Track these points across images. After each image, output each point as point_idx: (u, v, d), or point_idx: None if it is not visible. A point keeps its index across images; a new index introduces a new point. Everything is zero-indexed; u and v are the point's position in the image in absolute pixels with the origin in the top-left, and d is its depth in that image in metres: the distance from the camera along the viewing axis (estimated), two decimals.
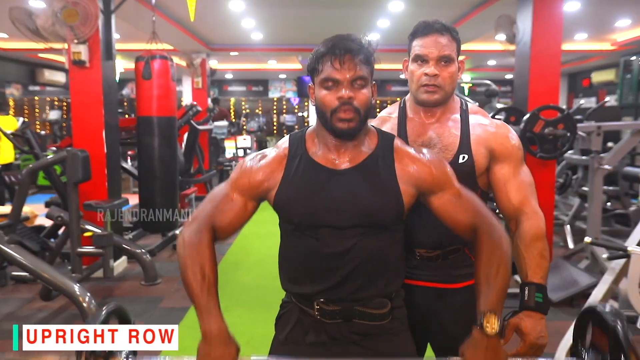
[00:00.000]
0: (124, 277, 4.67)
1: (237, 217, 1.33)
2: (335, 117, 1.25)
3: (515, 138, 1.57)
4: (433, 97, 1.52)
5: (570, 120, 3.94)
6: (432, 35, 1.50)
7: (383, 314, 1.33)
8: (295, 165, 1.32)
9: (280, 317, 1.43)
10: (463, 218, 1.30)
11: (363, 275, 1.29)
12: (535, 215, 1.50)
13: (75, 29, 4.28)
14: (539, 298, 1.41)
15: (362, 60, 1.24)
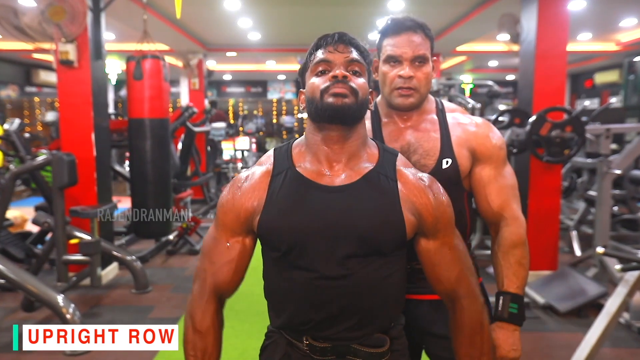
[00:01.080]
0: (114, 285, 4.51)
1: (240, 263, 1.18)
2: (326, 94, 1.09)
3: (496, 137, 1.46)
4: (408, 101, 1.42)
5: (578, 122, 3.78)
6: (405, 34, 1.39)
7: (381, 353, 1.15)
8: (280, 182, 1.14)
9: (265, 348, 1.26)
10: (446, 276, 1.16)
11: (359, 310, 1.12)
12: (515, 222, 1.41)
13: (62, 28, 4.13)
14: (513, 309, 1.34)
15: (357, 50, 1.15)
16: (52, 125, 12.81)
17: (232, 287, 1.20)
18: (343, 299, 1.10)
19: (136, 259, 4.40)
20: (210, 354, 1.19)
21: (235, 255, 1.17)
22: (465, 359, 1.19)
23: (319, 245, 1.09)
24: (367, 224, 1.09)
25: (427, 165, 1.41)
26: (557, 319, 3.73)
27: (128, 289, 4.38)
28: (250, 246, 1.19)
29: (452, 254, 1.17)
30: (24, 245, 4.09)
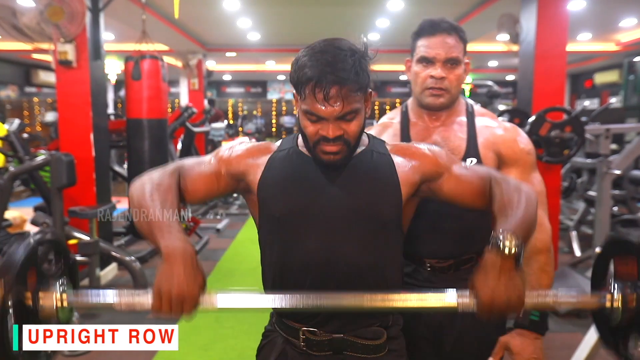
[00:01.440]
0: (113, 285, 4.52)
1: (204, 182, 1.17)
2: (318, 149, 1.11)
3: (525, 142, 1.47)
4: (439, 101, 1.45)
5: (578, 122, 3.78)
6: (439, 36, 1.42)
7: (378, 346, 1.16)
8: (283, 155, 1.19)
9: (262, 348, 1.26)
10: (478, 184, 1.15)
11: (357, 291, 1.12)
12: (540, 227, 1.37)
13: (61, 28, 4.12)
14: (535, 316, 1.33)
15: (354, 88, 1.06)
16: (52, 126, 12.85)
17: (192, 194, 1.17)
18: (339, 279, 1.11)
19: (135, 259, 4.39)
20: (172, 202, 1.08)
21: (208, 172, 1.18)
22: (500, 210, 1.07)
23: (313, 212, 1.13)
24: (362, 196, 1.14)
25: None
26: (556, 319, 3.73)
27: (127, 289, 4.38)
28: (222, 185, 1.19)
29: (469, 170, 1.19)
30: None
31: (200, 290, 0.94)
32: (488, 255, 0.95)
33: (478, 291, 0.93)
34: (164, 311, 0.94)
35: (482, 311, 0.93)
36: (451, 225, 1.43)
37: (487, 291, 0.92)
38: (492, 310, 0.92)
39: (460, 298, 0.96)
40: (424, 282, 1.47)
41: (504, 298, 0.91)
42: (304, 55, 1.09)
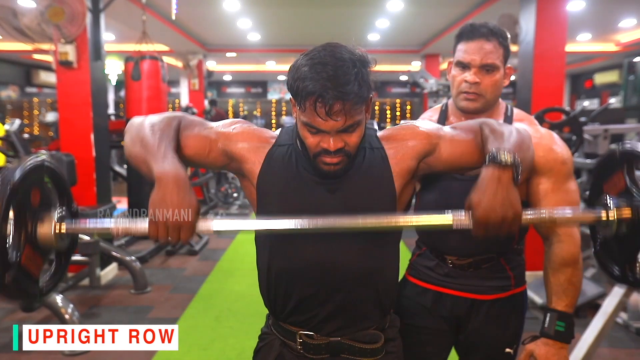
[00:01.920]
0: (113, 285, 4.52)
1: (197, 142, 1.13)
2: (319, 160, 1.08)
3: (561, 151, 1.42)
4: (472, 105, 1.44)
5: (576, 123, 3.79)
6: (478, 41, 1.41)
7: (375, 350, 1.16)
8: (283, 152, 1.16)
9: (259, 351, 1.26)
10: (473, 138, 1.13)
11: (354, 300, 1.13)
12: (569, 239, 1.38)
13: (61, 28, 4.14)
14: (560, 327, 1.33)
15: (356, 101, 1.02)
16: (52, 126, 12.87)
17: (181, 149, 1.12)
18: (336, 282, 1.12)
19: (135, 259, 4.41)
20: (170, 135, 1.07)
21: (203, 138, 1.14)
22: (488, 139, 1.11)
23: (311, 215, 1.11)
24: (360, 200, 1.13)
25: None
26: None
27: (127, 289, 4.39)
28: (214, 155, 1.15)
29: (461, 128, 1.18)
30: None
31: (195, 214, 0.93)
32: (484, 170, 0.95)
33: (473, 207, 0.93)
34: (161, 236, 0.92)
35: (477, 227, 0.93)
36: None
37: (483, 206, 0.91)
38: (487, 227, 0.92)
39: (455, 216, 0.96)
40: (444, 277, 1.49)
41: (500, 213, 0.91)
42: (303, 65, 1.03)
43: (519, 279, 1.50)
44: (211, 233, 0.98)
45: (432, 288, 1.51)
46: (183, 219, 0.91)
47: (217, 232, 0.97)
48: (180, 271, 5.01)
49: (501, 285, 1.47)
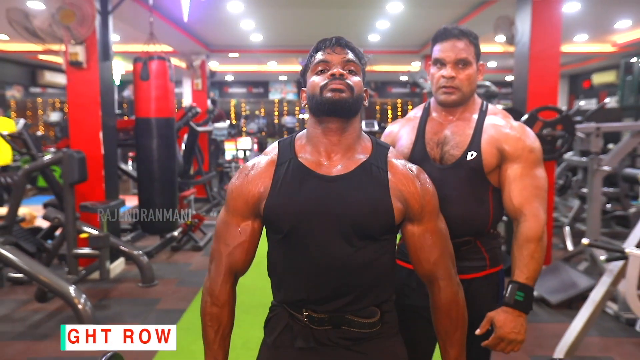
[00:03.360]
0: (121, 279, 4.65)
1: (251, 244, 1.31)
2: (325, 90, 1.21)
3: (530, 140, 1.58)
4: (450, 98, 1.58)
5: (569, 121, 3.92)
6: (450, 40, 1.57)
7: (373, 323, 1.29)
8: (284, 171, 1.26)
9: (269, 320, 1.39)
10: (426, 259, 1.30)
11: (354, 289, 1.25)
12: (534, 218, 1.51)
13: (72, 30, 4.27)
14: (520, 297, 1.46)
15: (353, 52, 1.28)
16: (57, 126, 13.01)
17: (246, 265, 1.33)
18: (338, 279, 1.23)
19: (143, 253, 4.55)
20: (226, 325, 1.33)
21: (246, 237, 1.29)
22: (442, 332, 1.34)
23: (317, 229, 1.22)
24: (359, 211, 1.21)
25: (454, 155, 1.58)
26: (548, 310, 3.87)
27: (135, 282, 4.53)
28: (259, 228, 1.31)
29: (434, 239, 1.30)
30: (35, 240, 4.24)
31: None
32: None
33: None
34: None
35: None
36: (453, 211, 1.53)
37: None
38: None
39: None
40: None
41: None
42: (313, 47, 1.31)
43: (494, 260, 1.63)
44: None
45: None
46: None
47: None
48: (185, 266, 5.14)
49: (477, 265, 1.61)
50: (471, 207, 1.59)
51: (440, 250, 1.30)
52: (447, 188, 1.54)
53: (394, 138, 1.73)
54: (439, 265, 1.30)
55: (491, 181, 1.60)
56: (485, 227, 1.62)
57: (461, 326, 1.33)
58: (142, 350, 3.00)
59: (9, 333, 3.45)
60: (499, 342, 1.47)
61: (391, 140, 1.73)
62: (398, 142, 1.70)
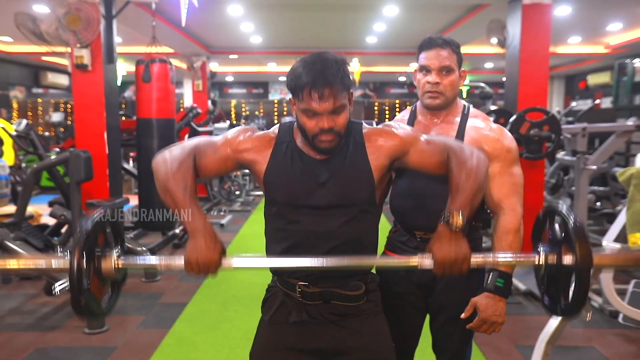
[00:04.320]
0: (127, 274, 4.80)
1: (215, 165, 1.43)
2: (317, 140, 1.37)
3: (507, 141, 1.72)
4: (435, 102, 1.73)
5: (555, 122, 4.07)
6: (435, 49, 1.71)
7: (358, 296, 1.45)
8: (283, 149, 1.44)
9: (266, 300, 1.55)
10: (438, 158, 1.42)
11: None
12: (512, 212, 1.66)
13: (78, 34, 4.44)
14: (500, 283, 1.61)
15: (341, 88, 1.33)
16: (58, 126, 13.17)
17: (203, 171, 1.41)
18: (327, 246, 1.40)
19: (146, 250, 4.70)
20: (191, 185, 1.34)
21: (217, 157, 1.42)
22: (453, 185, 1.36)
23: (307, 202, 1.41)
24: (343, 181, 1.40)
25: None
26: (536, 304, 4.03)
27: (138, 278, 4.68)
28: (229, 167, 1.46)
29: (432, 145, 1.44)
30: (43, 236, 4.39)
31: (219, 256, 1.27)
32: (440, 227, 1.28)
33: (434, 253, 1.26)
34: (194, 273, 1.28)
35: (436, 268, 1.26)
36: (435, 205, 1.64)
37: (440, 253, 1.25)
38: (444, 267, 1.25)
39: (420, 259, 1.29)
40: (414, 249, 1.76)
41: (453, 258, 1.24)
42: (298, 67, 1.34)
43: (475, 250, 1.78)
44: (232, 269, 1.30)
45: None
46: (210, 261, 1.26)
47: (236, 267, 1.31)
48: None
49: None
50: None
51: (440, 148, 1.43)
52: (432, 185, 1.69)
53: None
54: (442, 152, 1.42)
55: None
56: (471, 221, 1.75)
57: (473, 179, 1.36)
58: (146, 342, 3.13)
59: (18, 325, 3.60)
60: (481, 324, 1.62)
61: None
62: None
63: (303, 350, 1.46)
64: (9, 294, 4.22)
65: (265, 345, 1.51)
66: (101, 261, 1.26)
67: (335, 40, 9.02)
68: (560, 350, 3.20)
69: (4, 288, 4.35)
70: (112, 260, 1.27)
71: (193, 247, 1.26)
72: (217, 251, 1.27)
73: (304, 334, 1.46)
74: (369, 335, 1.47)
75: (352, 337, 1.45)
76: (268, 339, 1.51)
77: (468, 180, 1.33)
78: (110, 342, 3.33)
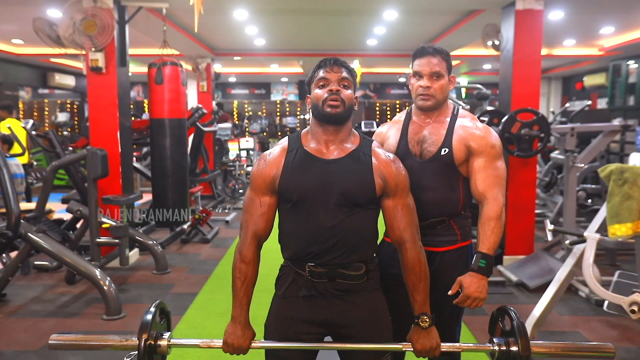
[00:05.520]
0: (137, 267, 5.05)
1: (271, 215, 1.70)
2: (325, 104, 1.62)
3: (492, 139, 1.95)
4: (427, 104, 1.94)
5: (544, 122, 4.30)
6: (426, 57, 1.92)
7: (359, 275, 1.67)
8: (293, 156, 1.67)
9: (279, 278, 1.78)
10: (397, 226, 1.70)
11: (344, 246, 1.64)
12: (494, 201, 1.88)
13: (93, 39, 4.67)
14: (482, 264, 1.82)
15: (347, 71, 1.66)
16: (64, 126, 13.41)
17: (266, 231, 1.69)
18: (333, 237, 1.63)
19: (157, 243, 4.95)
20: (250, 278, 1.66)
21: (265, 209, 1.68)
22: (410, 284, 1.71)
23: (317, 199, 1.63)
24: (349, 184, 1.61)
25: (431, 151, 1.93)
26: (527, 294, 4.27)
27: (149, 270, 4.93)
28: (275, 202, 1.69)
29: (403, 211, 1.70)
30: (60, 230, 4.64)
31: (249, 343, 1.64)
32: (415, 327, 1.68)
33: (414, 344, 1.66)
34: (229, 352, 1.64)
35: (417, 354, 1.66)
36: (428, 196, 1.92)
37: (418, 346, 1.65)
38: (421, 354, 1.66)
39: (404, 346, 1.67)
40: None
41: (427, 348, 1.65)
42: (316, 64, 1.71)
43: (464, 235, 2.01)
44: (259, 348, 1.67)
45: None
46: (241, 346, 1.63)
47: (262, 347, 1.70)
48: (195, 256, 5.54)
49: (450, 240, 1.98)
50: (445, 193, 1.96)
51: (407, 220, 1.70)
52: (425, 178, 1.92)
53: (383, 137, 2.11)
54: (406, 231, 1.69)
55: (461, 172, 1.97)
56: (457, 209, 1.98)
57: (424, 279, 1.70)
58: None
59: (41, 311, 3.85)
60: (465, 299, 1.82)
61: (380, 139, 2.10)
62: (386, 141, 2.07)
63: (311, 321, 1.69)
64: (29, 284, 4.47)
65: (279, 316, 1.74)
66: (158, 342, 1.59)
67: (336, 42, 9.23)
68: (548, 335, 3.44)
69: (24, 279, 4.60)
70: (165, 341, 1.59)
71: (231, 332, 1.64)
72: (248, 339, 1.64)
73: (312, 307, 1.68)
74: (369, 308, 1.70)
75: (354, 309, 1.68)
76: (281, 311, 1.73)
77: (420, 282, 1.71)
78: (128, 327, 3.58)
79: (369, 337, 1.68)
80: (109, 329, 3.57)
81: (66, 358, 3.11)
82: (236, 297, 1.66)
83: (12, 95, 10.45)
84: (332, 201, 1.62)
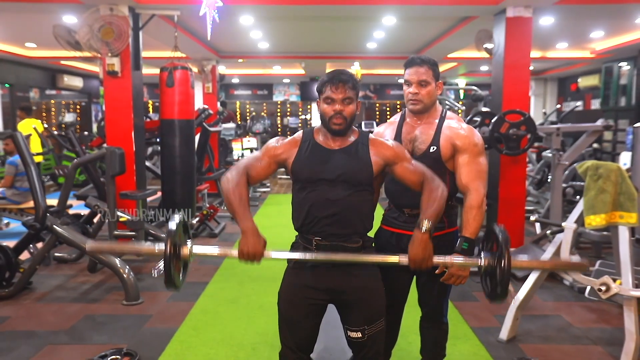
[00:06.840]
0: (149, 259, 5.33)
1: (263, 171, 2.00)
2: (331, 122, 1.95)
3: (474, 137, 2.24)
4: (416, 107, 2.25)
5: (531, 122, 4.61)
6: (414, 67, 2.22)
7: (357, 248, 1.99)
8: (306, 146, 2.00)
9: (292, 247, 2.10)
10: (415, 177, 2.00)
11: (345, 218, 1.95)
12: (476, 192, 2.17)
13: (110, 44, 4.99)
14: (465, 246, 2.10)
15: (350, 87, 1.93)
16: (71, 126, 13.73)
17: (255, 176, 1.98)
18: (334, 208, 1.94)
19: None
20: (245, 197, 1.90)
21: (263, 165, 2.00)
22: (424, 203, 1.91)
23: (323, 178, 1.95)
24: (349, 168, 1.94)
25: (421, 149, 2.22)
26: (515, 282, 4.56)
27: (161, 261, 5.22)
28: (272, 169, 2.01)
29: (411, 168, 2.00)
30: (80, 224, 4.95)
31: (262, 248, 1.81)
32: (416, 232, 1.82)
33: (409, 254, 1.83)
34: (244, 260, 1.81)
35: (411, 263, 1.81)
36: None
37: (413, 254, 1.81)
38: (415, 263, 1.81)
39: (400, 257, 1.85)
40: (403, 223, 2.29)
41: (421, 257, 1.80)
42: (324, 76, 1.97)
43: (451, 222, 2.31)
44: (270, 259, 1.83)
45: (396, 231, 2.31)
46: (256, 252, 1.79)
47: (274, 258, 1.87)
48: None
49: (439, 226, 2.23)
50: None
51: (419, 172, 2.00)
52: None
53: (380, 136, 2.40)
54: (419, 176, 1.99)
55: (448, 167, 2.26)
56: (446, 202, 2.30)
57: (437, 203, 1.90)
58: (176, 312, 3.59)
59: (66, 297, 4.17)
60: (450, 277, 2.11)
61: None
62: None
63: (317, 288, 2.00)
64: (51, 274, 4.78)
65: (290, 284, 2.06)
66: (181, 249, 1.82)
67: (338, 45, 9.53)
68: (532, 318, 3.75)
69: (45, 270, 4.90)
70: (187, 248, 1.85)
71: (244, 241, 1.80)
72: (261, 245, 1.81)
73: (317, 276, 2.00)
74: (365, 277, 2.02)
75: (352, 279, 1.99)
76: (292, 279, 2.06)
77: (434, 203, 1.90)
78: (146, 312, 3.88)
79: (366, 303, 2.00)
80: (130, 312, 3.88)
81: (91, 336, 3.42)
82: (239, 214, 1.85)
83: (23, 96, 10.78)
84: (335, 179, 1.94)
